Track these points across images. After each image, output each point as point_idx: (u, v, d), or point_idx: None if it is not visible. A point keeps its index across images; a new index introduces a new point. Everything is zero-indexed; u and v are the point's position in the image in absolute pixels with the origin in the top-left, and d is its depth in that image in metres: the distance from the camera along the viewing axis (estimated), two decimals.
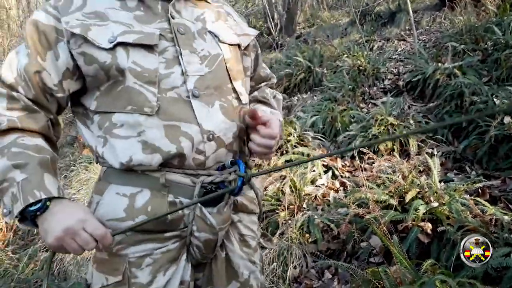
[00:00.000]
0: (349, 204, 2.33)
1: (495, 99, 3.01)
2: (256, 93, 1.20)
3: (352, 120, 3.72)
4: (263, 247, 1.14)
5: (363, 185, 2.46)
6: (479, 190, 2.30)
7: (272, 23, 11.17)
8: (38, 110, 0.90)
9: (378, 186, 2.41)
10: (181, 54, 0.92)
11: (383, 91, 4.29)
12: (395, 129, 3.16)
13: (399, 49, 5.69)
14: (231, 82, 1.00)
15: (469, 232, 1.83)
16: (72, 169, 5.44)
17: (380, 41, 6.49)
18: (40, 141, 0.89)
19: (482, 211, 1.95)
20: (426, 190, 2.19)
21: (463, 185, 2.19)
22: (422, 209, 2.03)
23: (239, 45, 1.05)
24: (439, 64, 3.98)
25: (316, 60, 5.69)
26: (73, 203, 0.86)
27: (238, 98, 1.01)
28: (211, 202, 0.93)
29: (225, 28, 1.04)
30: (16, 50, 0.92)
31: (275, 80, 1.28)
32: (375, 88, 4.38)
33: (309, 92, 5.20)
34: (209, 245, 0.95)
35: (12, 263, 3.81)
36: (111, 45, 0.87)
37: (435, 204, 2.08)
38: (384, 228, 1.98)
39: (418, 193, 2.19)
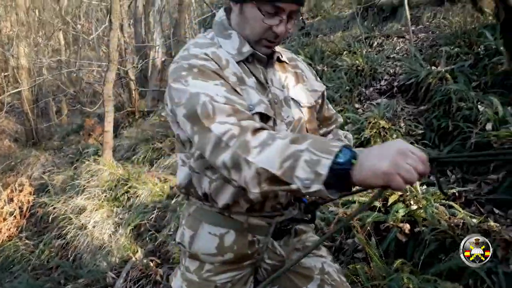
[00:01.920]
0: (338, 204, 2.59)
1: (479, 106, 3.22)
2: (330, 135, 1.34)
3: (348, 121, 3.95)
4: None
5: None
6: (456, 194, 2.54)
7: None
8: None
9: None
10: (275, 123, 1.08)
11: (379, 92, 4.50)
12: (386, 132, 3.39)
13: (398, 48, 5.87)
14: None
15: (441, 233, 2.09)
16: (82, 160, 5.72)
17: (380, 38, 6.66)
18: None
19: (453, 214, 2.20)
20: (407, 194, 2.43)
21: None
22: (401, 212, 2.28)
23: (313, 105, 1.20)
24: (433, 68, 4.18)
25: (317, 57, 5.88)
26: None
27: None
28: (278, 235, 1.16)
29: (304, 91, 1.19)
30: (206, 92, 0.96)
31: (341, 120, 1.38)
32: (371, 88, 4.59)
33: None
34: (275, 269, 1.19)
35: (28, 249, 4.11)
36: (250, 113, 0.99)
37: (414, 207, 2.32)
38: (368, 227, 2.24)
39: (400, 196, 2.43)
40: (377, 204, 2.42)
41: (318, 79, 1.30)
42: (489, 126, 2.96)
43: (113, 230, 3.71)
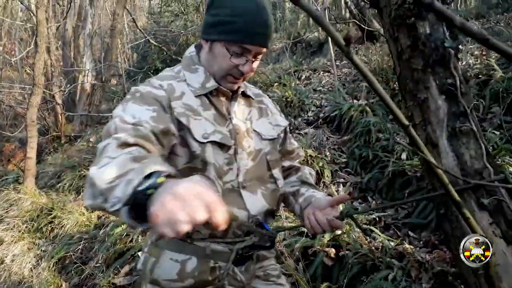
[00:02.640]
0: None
1: (395, 137, 3.54)
2: (300, 174, 1.37)
3: None
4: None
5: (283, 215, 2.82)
6: (376, 218, 2.76)
7: None
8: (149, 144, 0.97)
9: None
10: (236, 152, 1.14)
11: (306, 123, 4.76)
12: (313, 160, 3.59)
13: (324, 81, 6.27)
14: (270, 170, 1.22)
15: (362, 256, 2.25)
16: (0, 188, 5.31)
17: (307, 71, 7.06)
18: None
19: (374, 238, 2.39)
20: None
21: (362, 216, 2.63)
22: (327, 237, 2.42)
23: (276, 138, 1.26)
24: (354, 101, 4.53)
25: None
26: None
27: (275, 183, 1.23)
28: (239, 261, 1.17)
29: (266, 124, 1.26)
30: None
31: (302, 154, 1.46)
32: (299, 119, 4.84)
33: None
34: None
35: None
36: (204, 141, 1.07)
37: (338, 232, 2.48)
38: (297, 252, 2.35)
39: None
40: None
41: (282, 115, 1.39)
42: (404, 156, 3.27)
43: (35, 263, 3.48)
